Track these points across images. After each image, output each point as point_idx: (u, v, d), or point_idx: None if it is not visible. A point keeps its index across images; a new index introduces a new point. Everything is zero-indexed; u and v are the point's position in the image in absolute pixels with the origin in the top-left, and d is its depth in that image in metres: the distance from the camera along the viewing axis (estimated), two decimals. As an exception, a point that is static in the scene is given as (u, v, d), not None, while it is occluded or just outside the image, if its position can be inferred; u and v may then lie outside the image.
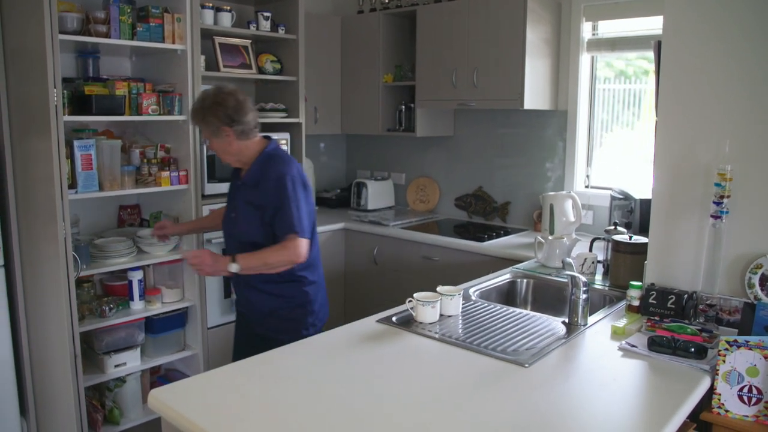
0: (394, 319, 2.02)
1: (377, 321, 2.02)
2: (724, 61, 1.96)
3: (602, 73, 3.45)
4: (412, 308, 2.04)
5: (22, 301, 2.65)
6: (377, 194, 4.18)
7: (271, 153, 2.27)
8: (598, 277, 2.57)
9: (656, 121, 2.11)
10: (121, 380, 2.88)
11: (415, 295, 2.03)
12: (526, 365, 1.68)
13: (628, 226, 2.87)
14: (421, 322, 1.99)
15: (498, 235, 3.40)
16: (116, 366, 2.81)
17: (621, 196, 2.98)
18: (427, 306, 2.00)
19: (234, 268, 2.12)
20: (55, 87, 2.23)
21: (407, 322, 2.00)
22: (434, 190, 4.16)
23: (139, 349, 2.90)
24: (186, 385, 1.59)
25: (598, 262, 2.60)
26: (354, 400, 1.49)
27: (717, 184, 1.94)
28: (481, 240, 3.28)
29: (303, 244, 2.16)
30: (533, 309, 2.55)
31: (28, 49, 2.30)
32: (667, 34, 2.05)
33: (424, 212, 4.17)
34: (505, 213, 3.80)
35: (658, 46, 2.09)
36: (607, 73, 3.44)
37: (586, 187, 3.53)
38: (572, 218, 3.17)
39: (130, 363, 2.86)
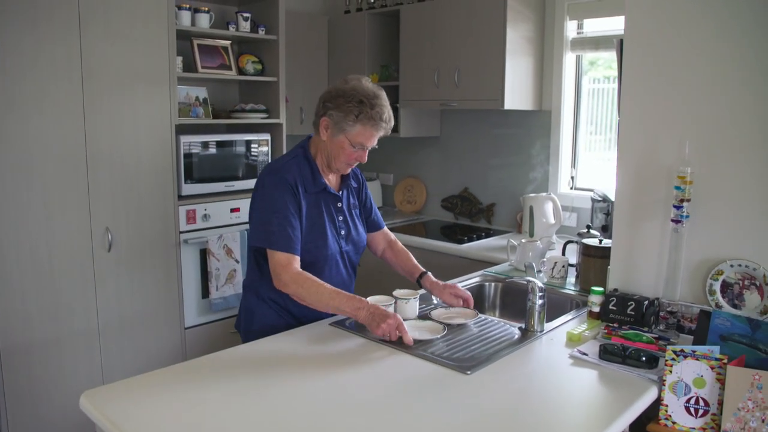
0: (347, 323, 1.99)
1: (330, 324, 1.99)
2: (685, 61, 1.89)
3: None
4: (365, 312, 2.00)
5: None
6: (364, 195, 4.14)
7: None
8: (571, 280, 2.51)
9: (618, 121, 2.05)
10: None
11: (368, 298, 1.99)
12: (468, 372, 1.64)
13: (605, 229, 2.82)
14: (374, 326, 1.96)
15: (479, 237, 3.35)
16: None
17: (600, 198, 2.92)
18: (379, 310, 1.96)
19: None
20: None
21: (361, 326, 1.96)
22: (421, 191, 4.11)
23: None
24: (122, 387, 1.57)
25: (571, 265, 2.55)
26: (286, 405, 1.46)
27: (677, 187, 1.88)
28: (461, 242, 3.23)
29: None
30: (501, 313, 2.51)
31: None
32: (628, 33, 1.99)
33: (410, 213, 4.12)
34: (491, 214, 3.75)
35: (620, 44, 2.03)
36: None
37: (571, 188, 3.47)
38: (552, 220, 3.12)
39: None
